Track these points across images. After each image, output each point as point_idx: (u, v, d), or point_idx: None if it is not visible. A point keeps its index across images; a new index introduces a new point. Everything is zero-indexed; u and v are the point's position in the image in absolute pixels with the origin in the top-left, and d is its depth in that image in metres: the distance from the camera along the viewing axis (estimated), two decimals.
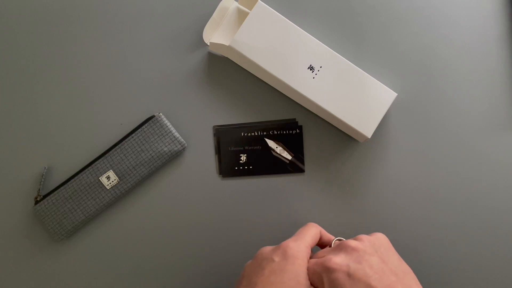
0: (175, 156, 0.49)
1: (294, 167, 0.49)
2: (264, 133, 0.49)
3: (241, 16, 0.49)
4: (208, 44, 0.48)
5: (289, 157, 0.49)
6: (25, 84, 0.50)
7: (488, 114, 0.48)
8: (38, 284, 0.49)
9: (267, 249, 0.37)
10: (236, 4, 0.49)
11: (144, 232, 0.49)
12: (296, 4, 0.50)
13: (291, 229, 0.47)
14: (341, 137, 0.49)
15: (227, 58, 0.50)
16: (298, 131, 0.49)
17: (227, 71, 0.50)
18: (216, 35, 0.49)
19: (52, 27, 0.50)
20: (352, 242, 0.36)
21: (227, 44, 0.47)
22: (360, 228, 0.48)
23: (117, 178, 0.47)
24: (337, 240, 0.40)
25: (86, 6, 0.50)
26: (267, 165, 0.49)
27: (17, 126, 0.50)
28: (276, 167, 0.49)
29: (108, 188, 0.47)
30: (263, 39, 0.46)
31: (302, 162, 0.49)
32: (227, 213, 0.49)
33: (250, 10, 0.48)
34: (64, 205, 0.47)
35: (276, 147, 0.49)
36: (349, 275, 0.33)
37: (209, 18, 0.49)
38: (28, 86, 0.50)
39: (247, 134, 0.49)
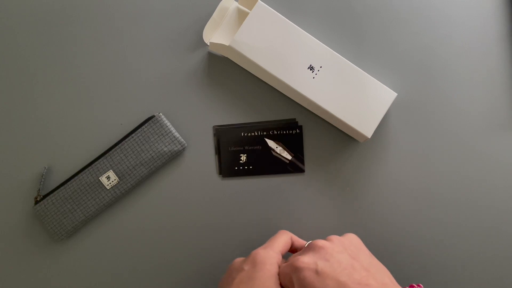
0: (175, 156, 0.49)
1: (294, 167, 0.49)
2: (264, 133, 0.49)
3: (241, 16, 0.49)
4: (208, 44, 0.48)
5: (289, 157, 0.49)
6: (25, 84, 0.50)
7: (488, 114, 0.48)
8: (38, 284, 0.49)
9: (238, 260, 0.38)
10: (236, 4, 0.49)
11: (144, 232, 0.49)
12: (296, 4, 0.50)
13: (291, 229, 0.47)
14: (341, 137, 0.49)
15: (227, 58, 0.50)
16: (298, 131, 0.49)
17: (227, 71, 0.50)
18: (216, 35, 0.49)
19: (52, 27, 0.50)
20: (320, 242, 0.36)
21: (227, 44, 0.47)
22: (360, 228, 0.48)
23: (117, 178, 0.47)
24: (309, 243, 0.40)
25: (86, 6, 0.50)
26: (267, 165, 0.49)
27: (17, 126, 0.50)
28: (276, 167, 0.49)
29: (108, 188, 0.47)
30: (263, 39, 0.46)
31: (302, 162, 0.49)
32: (227, 213, 0.49)
33: (250, 10, 0.48)
34: (64, 205, 0.47)
35: (276, 147, 0.49)
36: (317, 272, 0.33)
37: (209, 18, 0.49)
38: (28, 86, 0.50)
39: (247, 134, 0.49)
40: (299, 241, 0.41)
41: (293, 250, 0.41)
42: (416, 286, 0.37)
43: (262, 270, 0.35)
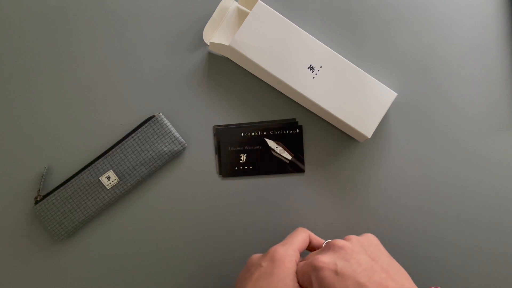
0: (175, 156, 0.49)
1: (294, 167, 0.49)
2: (264, 133, 0.49)
3: (241, 16, 0.49)
4: (208, 44, 0.48)
5: (289, 157, 0.49)
6: (25, 84, 0.50)
7: (488, 114, 0.49)
8: (38, 284, 0.49)
9: (257, 256, 0.38)
10: (236, 4, 0.49)
11: (144, 232, 0.49)
12: (296, 4, 0.50)
13: (291, 229, 0.46)
14: (341, 137, 0.49)
15: (227, 58, 0.50)
16: (298, 131, 0.49)
17: (227, 71, 0.50)
18: (216, 35, 0.49)
19: (52, 27, 0.50)
20: (339, 241, 0.36)
21: (227, 44, 0.47)
22: (361, 228, 0.48)
23: (117, 178, 0.47)
24: (327, 243, 0.40)
25: (86, 6, 0.50)
26: (267, 165, 0.49)
27: (17, 126, 0.50)
28: (276, 167, 0.49)
29: (108, 188, 0.47)
30: (263, 39, 0.46)
31: (302, 162, 0.49)
32: (227, 213, 0.49)
33: (250, 10, 0.48)
34: (64, 205, 0.47)
35: (276, 147, 0.49)
36: (337, 272, 0.33)
37: (209, 18, 0.49)
38: (28, 86, 0.50)
39: (247, 134, 0.49)
40: (317, 240, 0.41)
41: (310, 248, 0.41)
42: None
43: (281, 267, 0.35)
